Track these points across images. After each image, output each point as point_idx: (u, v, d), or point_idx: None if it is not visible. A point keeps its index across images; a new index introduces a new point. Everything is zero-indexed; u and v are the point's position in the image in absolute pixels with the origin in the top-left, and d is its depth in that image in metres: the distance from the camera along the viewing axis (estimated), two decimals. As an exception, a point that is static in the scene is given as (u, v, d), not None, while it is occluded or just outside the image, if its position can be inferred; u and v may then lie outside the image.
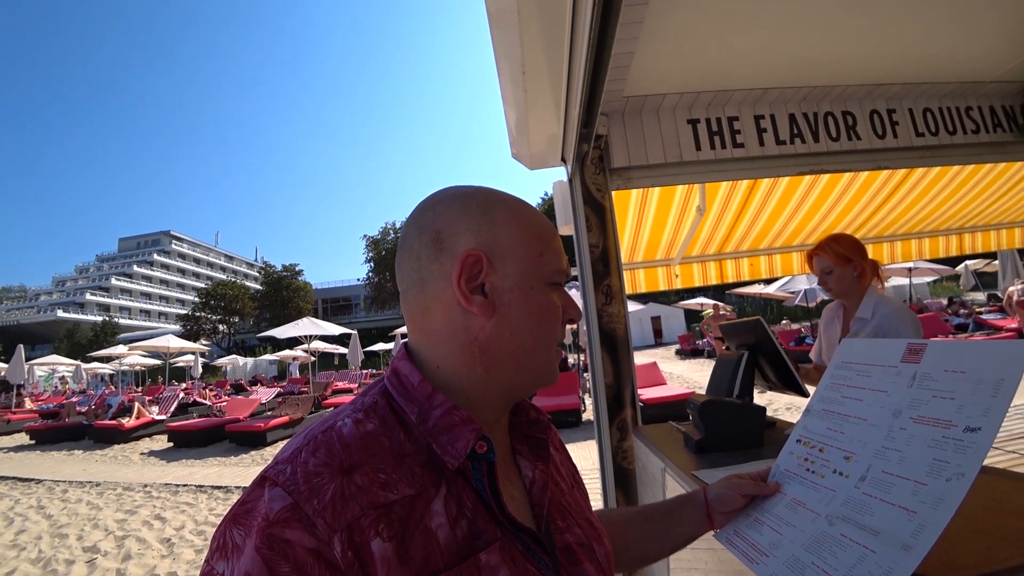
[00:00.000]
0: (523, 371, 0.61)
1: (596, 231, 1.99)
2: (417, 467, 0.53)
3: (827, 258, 1.94)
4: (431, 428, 0.55)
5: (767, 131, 2.43)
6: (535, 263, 0.60)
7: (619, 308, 1.94)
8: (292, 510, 0.45)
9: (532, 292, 0.60)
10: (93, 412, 12.97)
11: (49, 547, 4.78)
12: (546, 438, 0.67)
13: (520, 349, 0.59)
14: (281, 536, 0.44)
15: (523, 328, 0.59)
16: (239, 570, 0.44)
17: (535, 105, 1.73)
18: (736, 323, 1.75)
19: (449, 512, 0.51)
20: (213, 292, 54.75)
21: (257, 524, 0.45)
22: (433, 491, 0.52)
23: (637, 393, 1.96)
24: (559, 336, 0.62)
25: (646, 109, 2.28)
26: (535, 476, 0.62)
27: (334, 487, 0.47)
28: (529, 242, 0.61)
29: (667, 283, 4.19)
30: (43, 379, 29.53)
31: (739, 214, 3.69)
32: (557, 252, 0.64)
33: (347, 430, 0.53)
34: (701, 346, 19.97)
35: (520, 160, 2.17)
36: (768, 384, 1.70)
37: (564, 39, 1.37)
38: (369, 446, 0.52)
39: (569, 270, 0.67)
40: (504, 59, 1.51)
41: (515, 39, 1.39)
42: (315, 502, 0.46)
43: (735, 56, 2.14)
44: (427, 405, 0.57)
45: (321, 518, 0.45)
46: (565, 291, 0.65)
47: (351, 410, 0.57)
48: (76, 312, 67.56)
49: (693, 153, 2.31)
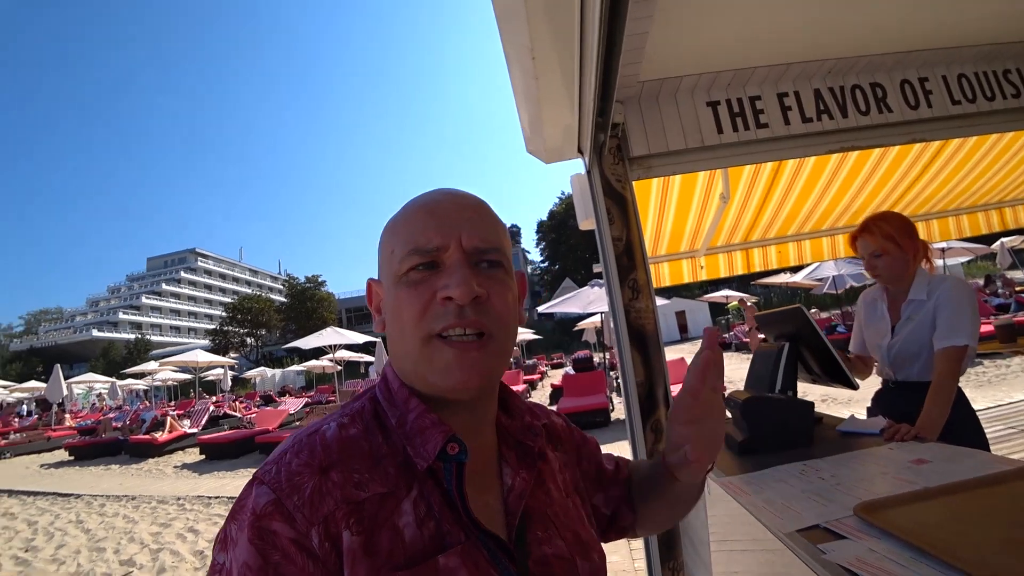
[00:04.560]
0: (415, 376, 0.59)
1: (619, 223, 1.89)
2: (392, 468, 0.55)
3: (875, 240, 1.80)
4: (408, 431, 0.57)
5: (792, 109, 2.30)
6: (388, 264, 0.60)
7: (647, 303, 1.84)
8: (275, 504, 0.50)
9: (390, 294, 0.59)
10: (128, 427, 13.26)
11: (87, 561, 4.86)
12: (534, 445, 0.65)
13: (398, 352, 0.60)
14: (268, 527, 0.49)
15: (392, 332, 0.60)
16: (238, 560, 0.48)
17: (548, 96, 1.65)
18: (774, 313, 1.64)
19: (418, 512, 0.53)
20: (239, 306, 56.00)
21: (247, 518, 0.50)
22: (404, 491, 0.54)
23: (671, 391, 1.86)
24: (419, 329, 0.56)
25: (663, 94, 2.18)
26: (514, 483, 0.61)
27: (312, 484, 0.51)
28: (385, 246, 0.61)
29: (692, 275, 4.05)
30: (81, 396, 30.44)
31: (764, 199, 3.55)
32: (407, 235, 0.58)
33: (330, 434, 0.57)
34: (728, 340, 19.62)
35: (536, 155, 2.08)
36: (812, 377, 1.59)
37: (574, 22, 1.28)
38: (347, 448, 0.56)
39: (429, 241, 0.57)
40: (513, 50, 1.43)
41: (523, 26, 1.31)
42: (295, 498, 0.50)
43: (754, 31, 2.03)
44: (404, 409, 0.59)
45: (300, 512, 0.50)
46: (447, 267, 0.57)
47: (339, 415, 0.60)
48: (110, 331, 69.38)
49: (715, 137, 2.20)
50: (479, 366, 0.56)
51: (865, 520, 0.79)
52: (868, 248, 1.82)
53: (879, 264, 1.80)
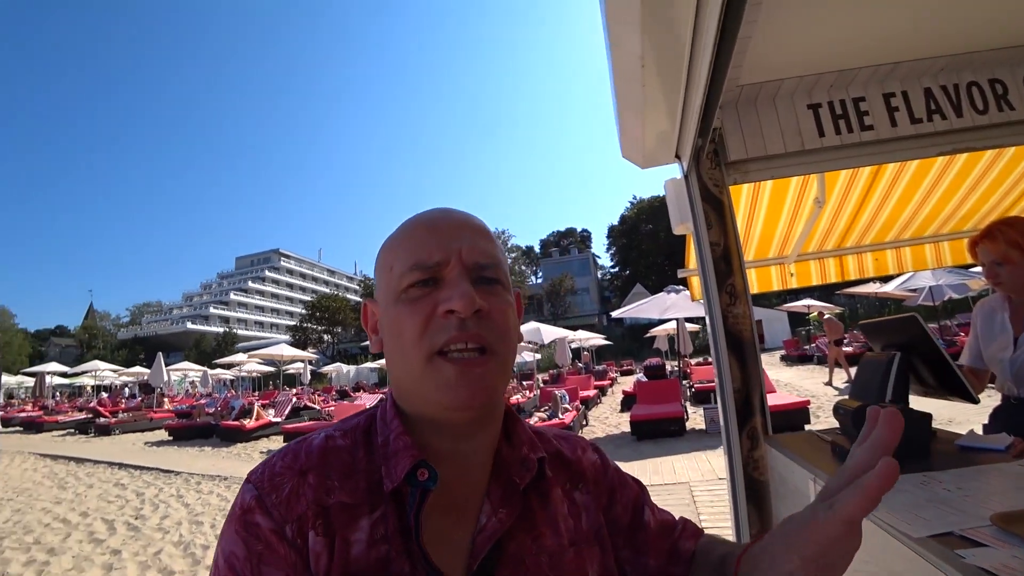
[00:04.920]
0: (416, 395, 0.59)
1: (716, 228, 1.89)
2: (363, 483, 0.56)
3: (998, 247, 1.70)
4: (388, 451, 0.58)
5: (899, 110, 2.20)
6: (387, 282, 0.59)
7: (744, 309, 1.83)
8: (257, 500, 0.54)
9: (388, 312, 0.59)
10: (219, 413, 14.21)
11: (188, 532, 5.29)
12: (520, 482, 0.60)
13: (399, 373, 0.59)
14: (252, 520, 0.53)
15: (391, 352, 0.59)
16: (225, 550, 0.53)
17: (652, 102, 1.67)
18: (885, 321, 1.59)
19: (374, 533, 0.54)
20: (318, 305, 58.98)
21: (235, 512, 0.54)
22: (367, 508, 0.55)
23: (766, 399, 1.83)
24: (421, 347, 0.55)
25: (762, 97, 2.15)
26: (487, 523, 0.57)
27: (291, 485, 0.55)
28: (382, 264, 0.61)
29: (781, 283, 3.91)
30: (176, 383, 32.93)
31: (861, 203, 3.39)
32: (407, 252, 0.58)
33: (316, 442, 0.59)
34: (809, 351, 18.66)
35: (631, 160, 2.11)
36: (924, 389, 1.53)
37: (687, 30, 1.31)
38: (327, 455, 0.58)
39: (430, 257, 0.57)
40: (622, 59, 1.47)
41: (635, 36, 1.35)
42: (274, 496, 0.54)
43: (859, 31, 1.96)
44: (388, 429, 0.60)
45: (277, 510, 0.53)
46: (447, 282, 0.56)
47: (335, 427, 0.63)
48: (202, 324, 74.83)
49: (816, 140, 2.14)
50: (482, 382, 0.55)
51: (1005, 529, 0.77)
52: (990, 255, 1.72)
53: (1002, 272, 1.70)
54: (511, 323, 0.59)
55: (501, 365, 0.57)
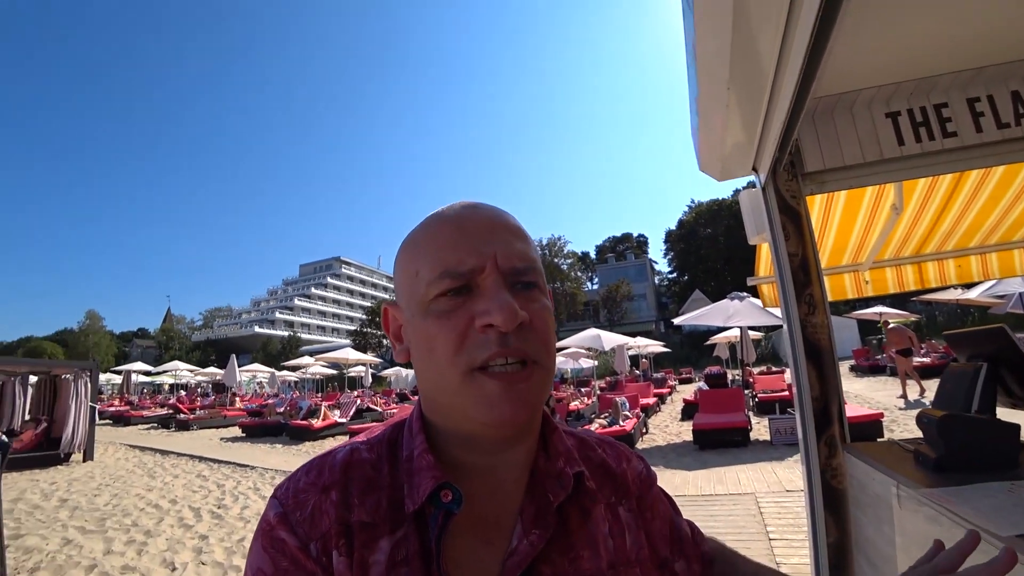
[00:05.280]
0: (452, 409, 0.55)
1: (794, 239, 1.92)
2: (385, 501, 0.54)
3: None
4: (412, 468, 0.55)
5: (984, 115, 2.14)
6: (412, 290, 0.55)
7: (822, 318, 1.85)
8: (282, 517, 0.52)
9: (415, 323, 0.55)
10: (288, 413, 14.91)
11: (267, 524, 5.62)
12: (554, 500, 0.56)
13: (430, 388, 0.56)
14: (278, 536, 0.52)
15: (421, 367, 0.55)
16: (252, 566, 0.52)
17: (734, 121, 1.73)
18: (969, 332, 1.58)
19: (394, 555, 0.51)
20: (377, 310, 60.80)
21: (262, 528, 0.53)
22: (388, 528, 0.52)
23: (844, 408, 1.84)
24: (457, 364, 0.51)
25: (839, 108, 2.16)
26: (518, 546, 0.53)
27: (314, 502, 0.53)
28: (406, 267, 0.56)
29: (856, 291, 3.81)
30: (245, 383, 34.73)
31: (943, 209, 3.28)
32: (434, 256, 0.53)
33: (340, 456, 0.57)
34: (882, 362, 17.70)
35: (708, 173, 2.16)
36: (1014, 401, 1.52)
37: (774, 53, 1.36)
38: (350, 470, 0.56)
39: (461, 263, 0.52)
40: (708, 83, 1.53)
41: (724, 63, 1.41)
42: (298, 513, 0.52)
43: (939, 37, 1.94)
44: (413, 443, 0.57)
45: (302, 527, 0.52)
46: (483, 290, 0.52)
47: (361, 441, 0.61)
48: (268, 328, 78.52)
49: (895, 149, 2.13)
50: (526, 397, 0.51)
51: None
52: None
53: None
54: (552, 331, 0.55)
55: (544, 377, 0.54)
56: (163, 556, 4.58)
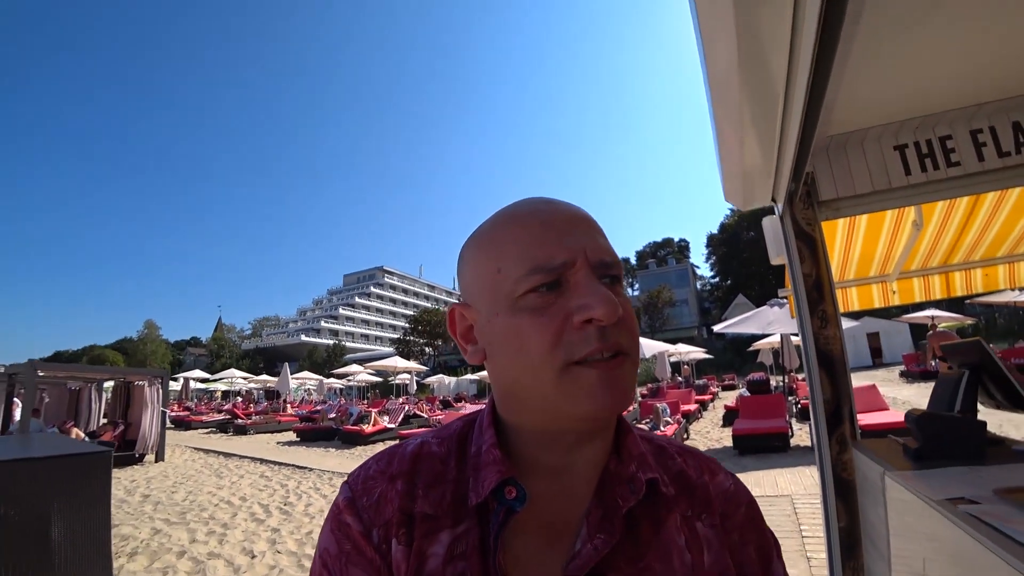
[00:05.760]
0: (535, 411, 0.54)
1: (808, 262, 2.19)
2: (449, 495, 0.55)
3: None
4: (480, 462, 0.56)
5: (986, 144, 2.33)
6: (493, 286, 0.54)
7: (834, 331, 2.12)
8: (350, 503, 0.55)
9: (499, 320, 0.53)
10: (340, 419, 15.59)
11: (331, 520, 6.10)
12: (623, 505, 0.54)
13: (515, 386, 0.55)
14: (344, 520, 0.55)
15: (507, 364, 0.54)
16: (320, 545, 0.57)
17: (750, 157, 2.02)
18: (956, 344, 1.84)
19: (453, 548, 0.52)
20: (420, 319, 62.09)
21: (333, 511, 0.57)
22: (449, 522, 0.53)
23: (855, 409, 2.10)
24: (553, 359, 0.50)
25: (851, 143, 2.41)
26: (581, 550, 0.52)
27: (380, 490, 0.55)
28: (484, 265, 0.55)
29: (883, 300, 4.01)
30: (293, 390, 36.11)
31: (965, 223, 3.46)
32: (520, 251, 0.52)
33: (410, 448, 0.60)
34: (932, 367, 17.18)
35: (732, 203, 2.45)
36: (995, 403, 1.77)
37: (779, 101, 1.65)
38: (418, 462, 0.58)
39: (552, 258, 0.51)
40: (726, 127, 1.84)
41: (736, 111, 1.72)
42: (365, 499, 0.55)
43: (942, 77, 2.14)
44: (482, 438, 0.58)
45: (367, 513, 0.54)
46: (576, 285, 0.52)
47: (432, 434, 0.62)
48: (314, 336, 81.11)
49: (902, 179, 2.36)
50: (623, 384, 0.51)
51: (1001, 497, 1.08)
52: None
53: None
54: (636, 323, 0.55)
55: (634, 366, 0.53)
56: (242, 545, 5.09)
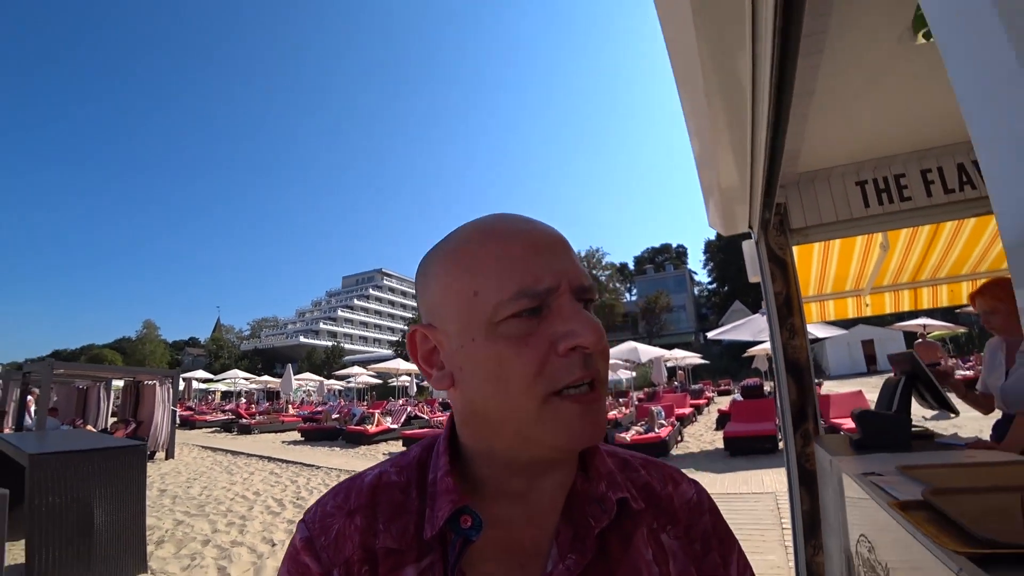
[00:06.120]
0: (507, 438, 0.52)
1: (780, 281, 2.57)
2: (412, 526, 0.53)
3: (988, 301, 2.27)
4: (435, 491, 0.53)
5: (934, 183, 2.67)
6: (467, 308, 0.50)
7: (801, 341, 2.49)
8: (307, 543, 0.53)
9: (475, 346, 0.50)
10: (343, 419, 15.93)
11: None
12: (595, 525, 0.52)
13: (487, 414, 0.52)
14: (301, 560, 0.52)
15: (482, 392, 0.51)
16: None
17: (727, 193, 2.39)
18: (896, 355, 2.20)
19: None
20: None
21: (289, 552, 0.54)
22: (414, 555, 0.51)
23: (818, 409, 2.48)
24: (536, 388, 0.48)
25: (818, 179, 2.79)
26: (553, 570, 0.50)
27: (338, 527, 0.53)
28: (456, 285, 0.52)
29: (856, 311, 4.40)
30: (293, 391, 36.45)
31: (928, 246, 3.83)
32: (502, 274, 0.49)
33: (368, 479, 0.57)
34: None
35: (716, 228, 2.83)
36: (927, 403, 2.14)
37: (747, 148, 2.01)
38: (377, 493, 0.55)
39: (538, 282, 0.49)
40: (704, 164, 2.20)
41: (714, 157, 2.09)
42: (323, 538, 0.53)
43: (896, 126, 2.50)
44: (436, 467, 0.55)
45: (326, 552, 0.52)
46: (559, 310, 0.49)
47: (390, 463, 0.59)
48: (313, 338, 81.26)
49: (862, 210, 2.72)
50: (599, 418, 0.50)
51: (901, 471, 1.44)
52: (982, 307, 2.29)
53: (993, 320, 2.26)
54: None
55: (605, 393, 0.52)
56: (262, 535, 5.43)
